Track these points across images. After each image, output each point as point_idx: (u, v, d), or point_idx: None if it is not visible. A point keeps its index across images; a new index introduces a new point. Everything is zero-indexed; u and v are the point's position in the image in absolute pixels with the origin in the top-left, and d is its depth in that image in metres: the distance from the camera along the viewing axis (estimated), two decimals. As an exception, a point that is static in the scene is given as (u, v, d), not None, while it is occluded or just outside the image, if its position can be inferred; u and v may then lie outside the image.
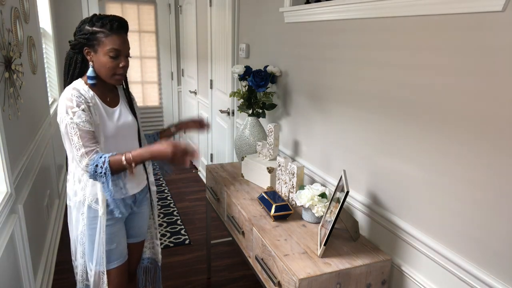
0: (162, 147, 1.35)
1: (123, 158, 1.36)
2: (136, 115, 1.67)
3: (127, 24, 1.49)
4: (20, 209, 1.83)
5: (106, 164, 1.35)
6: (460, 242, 1.21)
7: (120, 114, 1.57)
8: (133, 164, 1.37)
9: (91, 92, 1.47)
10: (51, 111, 3.33)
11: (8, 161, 1.71)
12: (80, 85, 1.47)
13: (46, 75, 3.36)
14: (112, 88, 1.60)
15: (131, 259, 1.79)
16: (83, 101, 1.41)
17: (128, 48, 1.48)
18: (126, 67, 1.49)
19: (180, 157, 1.36)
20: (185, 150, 1.36)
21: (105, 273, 1.56)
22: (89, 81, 1.47)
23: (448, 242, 1.25)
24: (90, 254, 1.56)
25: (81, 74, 1.51)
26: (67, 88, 1.45)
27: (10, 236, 1.66)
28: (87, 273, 1.61)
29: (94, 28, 1.41)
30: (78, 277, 1.64)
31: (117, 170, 1.37)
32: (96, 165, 1.35)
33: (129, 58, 1.51)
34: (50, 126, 3.11)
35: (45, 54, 3.54)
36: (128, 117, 1.60)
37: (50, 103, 3.40)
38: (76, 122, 1.38)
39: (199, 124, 1.83)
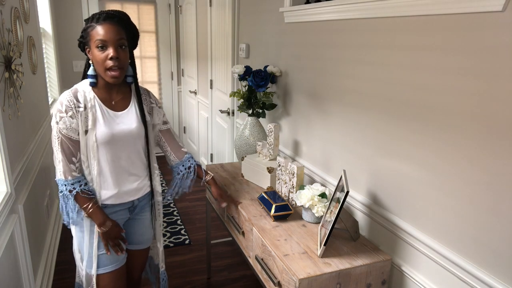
0: (104, 227, 1.48)
1: (89, 206, 1.45)
2: (145, 121, 1.56)
3: (122, 15, 1.42)
4: (20, 209, 1.83)
5: (71, 197, 1.44)
6: (460, 242, 1.21)
7: (124, 119, 1.50)
8: (87, 216, 1.49)
9: (92, 94, 1.45)
10: (51, 111, 3.33)
11: (8, 161, 1.71)
12: (81, 86, 1.45)
13: (46, 75, 3.36)
14: (122, 90, 1.53)
15: (134, 266, 1.74)
16: (73, 106, 1.39)
17: (118, 38, 1.37)
18: (117, 58, 1.37)
19: (109, 240, 1.51)
20: (117, 242, 1.52)
21: (95, 277, 1.53)
22: (89, 79, 1.45)
23: (448, 242, 1.26)
24: (82, 255, 1.55)
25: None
26: (68, 90, 1.44)
27: (10, 236, 1.66)
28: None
29: (86, 25, 1.40)
30: (77, 272, 1.63)
31: (78, 204, 1.47)
32: (65, 185, 1.43)
33: (124, 50, 1.41)
34: (50, 126, 3.11)
35: (45, 54, 3.54)
36: (132, 123, 1.51)
37: (50, 103, 3.40)
38: (60, 127, 1.39)
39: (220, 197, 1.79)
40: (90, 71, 1.44)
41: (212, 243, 2.74)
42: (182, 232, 3.08)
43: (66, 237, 2.93)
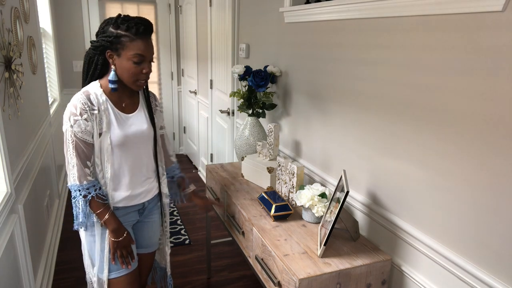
0: (117, 236, 1.47)
1: (103, 213, 1.44)
2: (154, 124, 1.57)
3: (152, 27, 1.42)
4: (20, 209, 1.83)
5: (86, 202, 1.42)
6: (460, 242, 1.21)
7: (134, 121, 1.50)
8: (102, 222, 1.47)
9: (104, 96, 1.42)
10: (51, 111, 3.33)
11: (8, 161, 1.71)
12: (93, 88, 1.43)
13: (46, 75, 3.36)
14: (132, 93, 1.53)
15: (141, 270, 1.72)
16: (88, 108, 1.37)
17: (152, 53, 1.42)
18: (149, 73, 1.43)
19: (117, 250, 1.49)
20: (125, 254, 1.51)
21: (106, 282, 1.52)
22: (111, 85, 1.41)
23: (448, 242, 1.26)
24: (93, 260, 1.53)
25: (101, 75, 1.47)
26: (79, 92, 1.42)
27: (10, 236, 1.66)
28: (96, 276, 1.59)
29: (118, 31, 1.35)
30: (87, 279, 1.62)
31: (92, 209, 1.45)
32: (79, 190, 1.41)
33: (152, 63, 1.44)
34: (50, 126, 3.11)
35: (45, 54, 3.54)
36: (142, 125, 1.52)
37: (50, 103, 3.40)
38: (75, 131, 1.37)
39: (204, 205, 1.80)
40: (112, 77, 1.40)
41: (212, 243, 2.74)
42: (182, 232, 3.08)
43: (66, 237, 2.93)
